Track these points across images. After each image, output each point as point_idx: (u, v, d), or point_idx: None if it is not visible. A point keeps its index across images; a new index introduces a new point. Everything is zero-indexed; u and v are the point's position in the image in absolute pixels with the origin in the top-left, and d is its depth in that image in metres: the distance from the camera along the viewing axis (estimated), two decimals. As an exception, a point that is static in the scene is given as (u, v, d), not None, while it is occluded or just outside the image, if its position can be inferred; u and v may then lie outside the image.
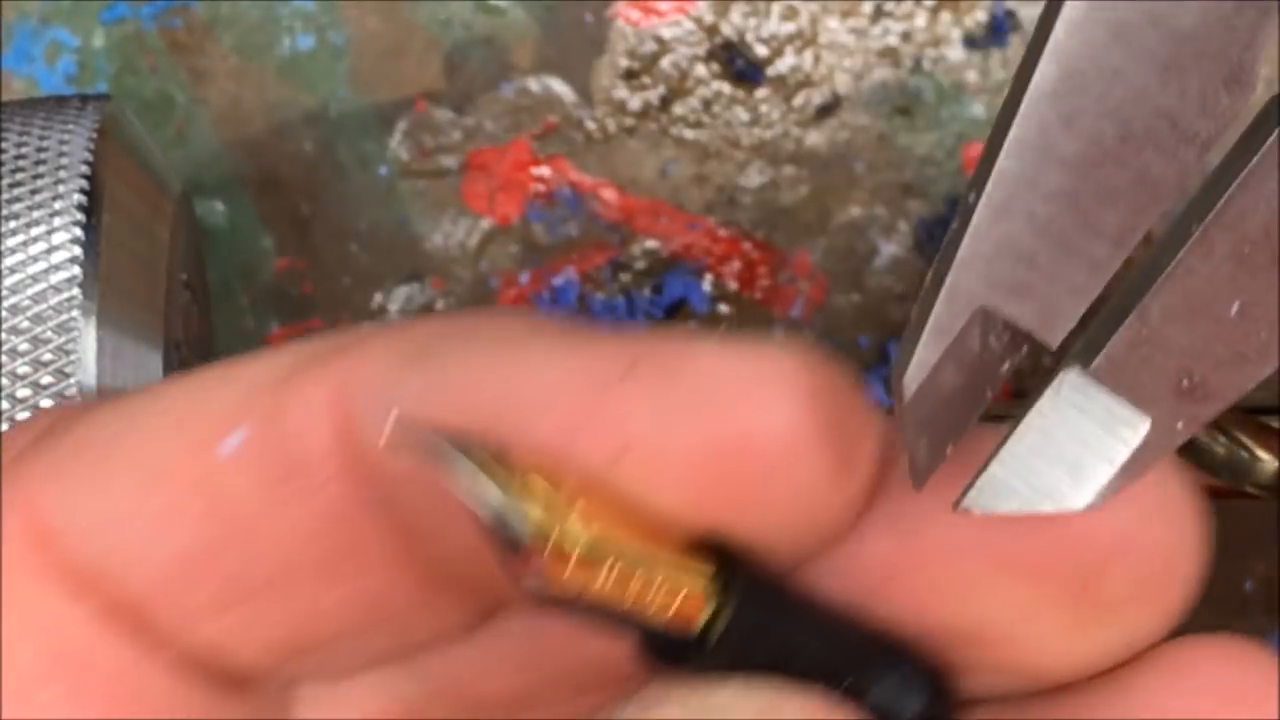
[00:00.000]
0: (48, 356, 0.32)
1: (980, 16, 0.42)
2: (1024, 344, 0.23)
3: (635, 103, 0.42)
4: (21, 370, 0.32)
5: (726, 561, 0.23)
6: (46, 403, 0.32)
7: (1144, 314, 0.23)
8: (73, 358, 0.32)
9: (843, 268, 0.42)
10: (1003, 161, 0.22)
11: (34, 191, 0.33)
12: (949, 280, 0.22)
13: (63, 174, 0.33)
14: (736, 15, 0.42)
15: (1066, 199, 0.22)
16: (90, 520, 0.24)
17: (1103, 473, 0.23)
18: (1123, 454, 0.23)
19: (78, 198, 0.33)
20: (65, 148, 0.34)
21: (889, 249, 0.42)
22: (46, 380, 0.32)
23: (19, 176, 0.33)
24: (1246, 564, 0.41)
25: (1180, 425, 0.23)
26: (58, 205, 0.33)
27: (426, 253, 0.42)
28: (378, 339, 0.23)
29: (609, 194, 0.42)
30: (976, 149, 0.42)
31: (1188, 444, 0.40)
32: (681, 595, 0.22)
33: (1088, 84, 0.22)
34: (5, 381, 0.32)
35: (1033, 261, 0.22)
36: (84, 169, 0.33)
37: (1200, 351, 0.23)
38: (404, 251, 0.42)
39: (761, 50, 0.42)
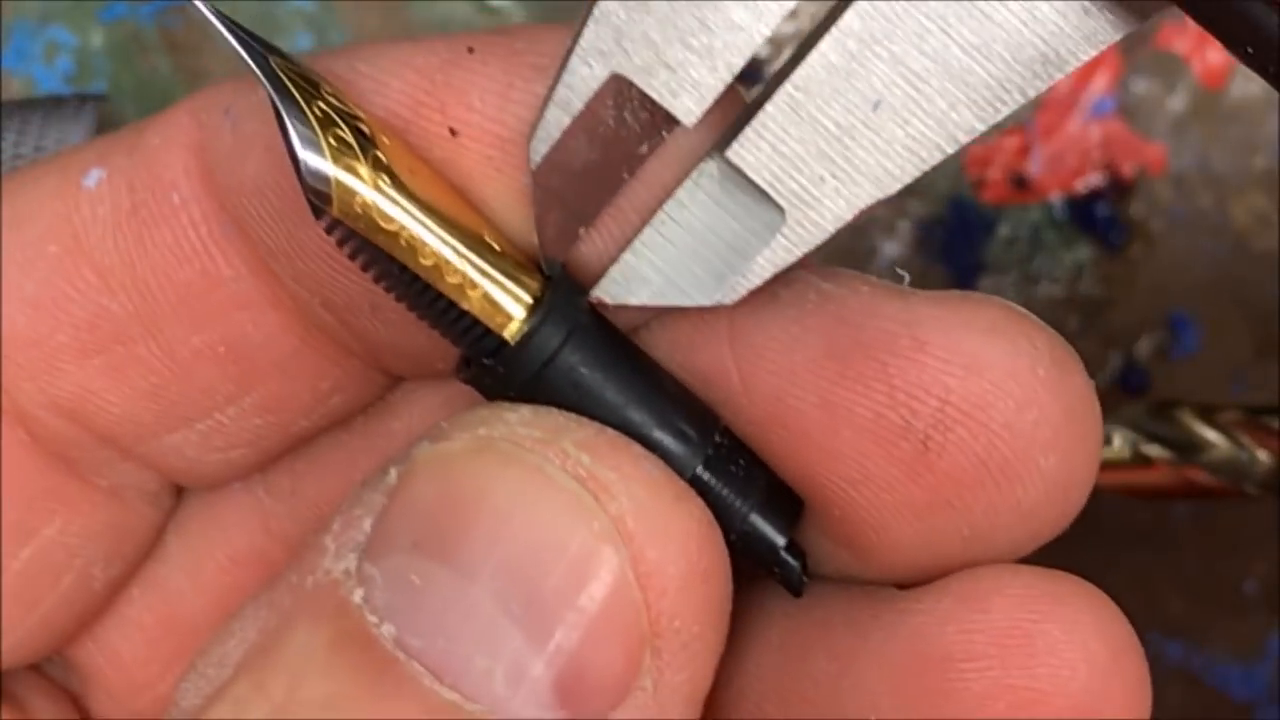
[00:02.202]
0: (45, 356, 0.32)
1: (980, 16, 0.42)
2: (664, 125, 0.22)
3: (635, 102, 0.42)
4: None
5: (554, 287, 0.22)
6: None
7: (789, 101, 0.22)
8: (70, 357, 0.32)
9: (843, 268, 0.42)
10: None
11: (32, 191, 0.33)
12: (584, 35, 0.21)
13: (61, 173, 0.33)
14: (736, 15, 0.42)
15: None
16: None
17: (737, 268, 0.22)
18: (758, 248, 0.22)
19: (75, 197, 0.33)
20: (63, 147, 0.34)
21: (889, 249, 0.42)
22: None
23: (17, 176, 0.33)
24: (1246, 564, 0.41)
25: (818, 220, 0.22)
26: (56, 204, 0.33)
27: (426, 253, 0.42)
28: (228, 83, 0.24)
29: (608, 194, 0.42)
30: (977, 149, 0.42)
31: (1187, 443, 0.40)
32: (485, 288, 0.22)
33: None
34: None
35: (669, 24, 0.21)
36: (82, 168, 0.33)
37: (842, 143, 0.22)
38: (403, 251, 0.42)
39: (761, 50, 0.42)
